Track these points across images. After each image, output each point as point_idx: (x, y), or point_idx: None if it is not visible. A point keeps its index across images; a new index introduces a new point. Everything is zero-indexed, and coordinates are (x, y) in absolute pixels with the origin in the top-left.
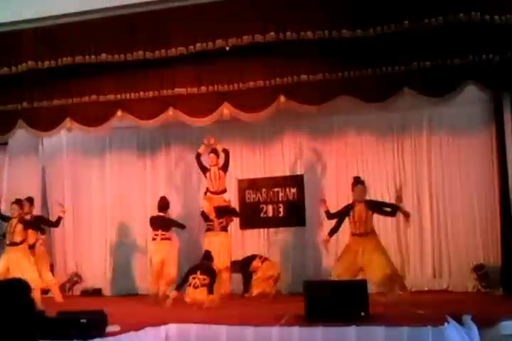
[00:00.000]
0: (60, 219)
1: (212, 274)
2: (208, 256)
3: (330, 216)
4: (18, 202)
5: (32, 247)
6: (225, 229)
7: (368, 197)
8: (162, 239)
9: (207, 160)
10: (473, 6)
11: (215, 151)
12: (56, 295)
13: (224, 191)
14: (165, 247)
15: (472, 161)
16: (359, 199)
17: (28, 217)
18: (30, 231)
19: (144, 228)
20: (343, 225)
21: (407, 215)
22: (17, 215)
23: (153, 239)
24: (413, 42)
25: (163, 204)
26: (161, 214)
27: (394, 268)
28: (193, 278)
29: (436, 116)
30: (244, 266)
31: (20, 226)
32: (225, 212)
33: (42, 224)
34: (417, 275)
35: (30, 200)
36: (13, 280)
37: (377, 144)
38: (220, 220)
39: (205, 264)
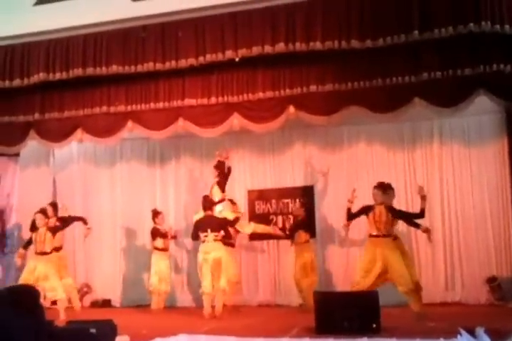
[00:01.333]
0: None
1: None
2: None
3: (349, 216)
4: (43, 211)
5: (58, 250)
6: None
7: None
8: (215, 240)
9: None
10: (484, 16)
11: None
12: (75, 301)
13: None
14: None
15: (484, 172)
16: (376, 202)
17: (52, 223)
18: (58, 235)
19: None
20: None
21: (427, 232)
22: (44, 224)
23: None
24: (423, 52)
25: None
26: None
27: (417, 278)
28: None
29: (447, 126)
30: None
31: (49, 235)
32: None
33: (69, 224)
34: (429, 288)
35: (54, 205)
36: (23, 287)
37: (388, 155)
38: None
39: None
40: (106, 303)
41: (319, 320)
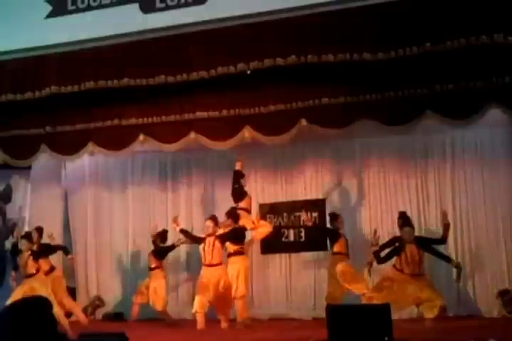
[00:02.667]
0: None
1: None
2: None
3: (381, 260)
4: (27, 236)
5: (49, 273)
6: (241, 253)
7: (390, 221)
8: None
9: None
10: (496, 28)
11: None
12: (80, 317)
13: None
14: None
15: (496, 184)
16: (408, 241)
17: (35, 247)
18: (41, 260)
19: None
20: None
21: (458, 268)
22: (27, 249)
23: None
24: (435, 64)
25: (235, 214)
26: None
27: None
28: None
29: (460, 138)
30: None
31: (31, 259)
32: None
33: (49, 250)
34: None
35: (39, 230)
36: (33, 298)
37: (400, 167)
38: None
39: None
40: (118, 316)
41: (332, 333)
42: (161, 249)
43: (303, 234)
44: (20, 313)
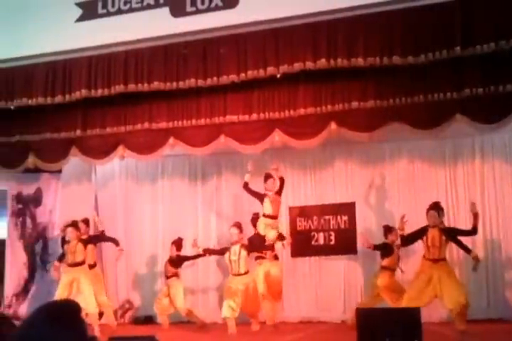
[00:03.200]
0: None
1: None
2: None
3: (405, 241)
4: (74, 224)
5: (92, 267)
6: (276, 257)
7: (420, 223)
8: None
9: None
10: None
11: (272, 176)
12: (110, 319)
13: (277, 216)
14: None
15: None
16: (432, 225)
17: (84, 237)
18: (89, 250)
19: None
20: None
21: (476, 259)
22: (75, 237)
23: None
24: (465, 68)
25: (253, 221)
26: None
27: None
28: None
29: (489, 142)
30: None
31: (80, 246)
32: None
33: (101, 241)
34: (471, 305)
35: (86, 221)
36: (63, 301)
37: (430, 171)
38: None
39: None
40: (148, 320)
41: (361, 337)
42: (176, 258)
43: (333, 237)
44: (51, 316)
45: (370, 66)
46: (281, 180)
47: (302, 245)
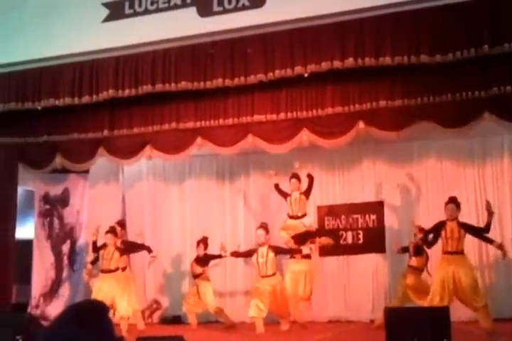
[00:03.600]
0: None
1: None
2: None
3: (428, 241)
4: (113, 231)
5: (123, 269)
6: (308, 256)
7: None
8: (303, 256)
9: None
10: None
11: (296, 176)
12: (139, 321)
13: (304, 216)
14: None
15: None
16: (449, 218)
17: (119, 243)
18: (124, 256)
19: None
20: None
21: (501, 248)
22: (113, 243)
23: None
24: (493, 66)
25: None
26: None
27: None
28: None
29: None
30: None
31: (117, 255)
32: (305, 237)
33: (134, 249)
34: (502, 303)
35: (122, 224)
36: (90, 301)
37: (458, 170)
38: (303, 247)
39: None
40: (176, 320)
41: (390, 336)
42: (204, 257)
43: (361, 236)
44: (79, 317)
45: (397, 65)
46: (310, 179)
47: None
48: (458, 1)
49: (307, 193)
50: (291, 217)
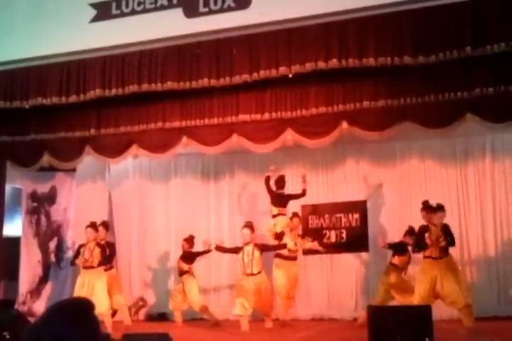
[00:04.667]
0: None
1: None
2: None
3: (417, 249)
4: (93, 225)
5: (107, 270)
6: (295, 258)
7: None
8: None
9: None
10: None
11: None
12: (125, 317)
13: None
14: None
15: None
16: (436, 224)
17: (103, 242)
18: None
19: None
20: None
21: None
22: (93, 239)
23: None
24: (475, 68)
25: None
26: None
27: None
28: None
29: (500, 141)
30: None
31: (97, 251)
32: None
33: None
34: (482, 302)
35: (105, 225)
36: (76, 299)
37: (441, 170)
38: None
39: None
40: (162, 317)
41: (372, 334)
42: (189, 254)
43: (344, 235)
44: (65, 314)
45: (381, 66)
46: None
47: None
48: (441, 3)
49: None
50: (273, 216)
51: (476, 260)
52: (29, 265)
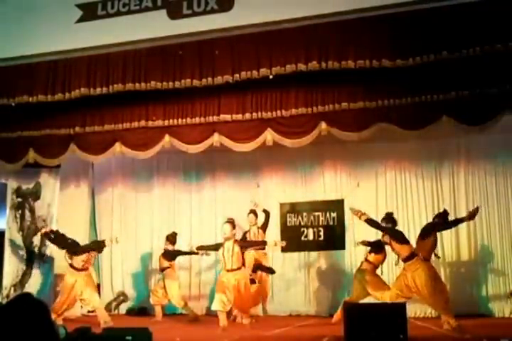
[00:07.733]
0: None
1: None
2: None
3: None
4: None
5: (81, 270)
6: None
7: (405, 221)
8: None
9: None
10: (510, 37)
11: (254, 212)
12: (103, 317)
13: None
14: None
15: (511, 190)
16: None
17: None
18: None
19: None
20: None
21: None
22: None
23: None
24: (451, 71)
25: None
26: None
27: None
28: None
29: (474, 144)
30: None
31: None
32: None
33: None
34: (455, 300)
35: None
36: (30, 299)
37: (416, 171)
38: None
39: None
40: (142, 311)
41: (348, 330)
42: (172, 252)
43: (322, 233)
44: (15, 313)
45: (359, 68)
46: (266, 214)
47: (292, 241)
48: (418, 7)
49: (264, 228)
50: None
51: (450, 260)
52: (13, 259)
